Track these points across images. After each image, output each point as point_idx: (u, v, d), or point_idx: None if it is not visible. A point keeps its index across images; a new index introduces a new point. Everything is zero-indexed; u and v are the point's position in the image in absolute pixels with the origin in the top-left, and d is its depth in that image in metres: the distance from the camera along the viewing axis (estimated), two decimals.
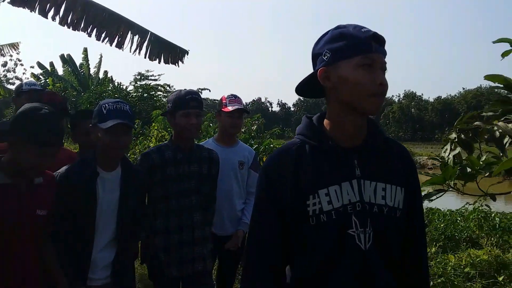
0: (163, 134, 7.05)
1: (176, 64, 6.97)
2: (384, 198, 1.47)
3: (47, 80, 17.61)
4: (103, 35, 6.17)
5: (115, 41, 6.29)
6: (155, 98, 15.57)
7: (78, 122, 3.14)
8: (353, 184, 1.45)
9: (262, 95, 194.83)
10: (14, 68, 24.44)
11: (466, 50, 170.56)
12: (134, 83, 16.42)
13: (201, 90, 18.04)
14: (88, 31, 6.02)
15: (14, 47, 12.56)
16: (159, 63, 6.79)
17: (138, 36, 6.57)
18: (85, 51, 19.36)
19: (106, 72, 19.93)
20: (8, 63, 23.96)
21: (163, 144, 3.05)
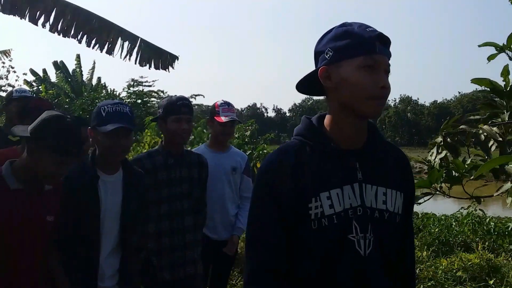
0: (156, 140, 7.06)
1: (167, 69, 7.01)
2: (385, 203, 1.43)
3: (40, 87, 17.52)
4: (93, 42, 6.19)
5: (105, 47, 6.31)
6: (148, 104, 15.54)
7: None
8: (354, 188, 1.41)
9: (258, 100, 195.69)
10: (7, 75, 24.28)
11: (462, 54, 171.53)
12: (127, 89, 16.38)
13: (195, 96, 18.06)
14: (79, 37, 6.05)
15: (6, 54, 12.52)
16: (149, 68, 6.84)
17: (128, 42, 6.60)
18: (78, 58, 19.29)
19: (99, 78, 19.86)
20: (0, 70, 23.88)
21: (153, 149, 3.06)
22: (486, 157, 2.24)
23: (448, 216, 7.37)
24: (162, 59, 7.01)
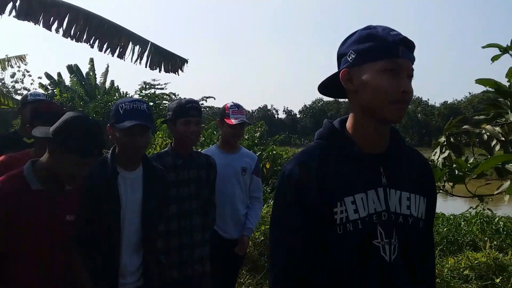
0: (167, 142, 7.15)
1: (176, 72, 7.09)
2: (409, 208, 1.41)
3: (55, 90, 17.76)
4: (105, 46, 6.28)
5: (117, 51, 6.40)
6: (160, 107, 15.67)
7: None
8: (379, 193, 1.38)
9: (268, 102, 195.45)
10: (22, 79, 24.65)
11: (472, 54, 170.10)
12: (140, 92, 16.55)
13: (206, 98, 18.17)
14: (91, 42, 6.14)
15: (22, 59, 12.72)
16: (159, 72, 6.91)
17: (138, 46, 6.69)
18: (91, 62, 19.52)
19: (112, 81, 20.07)
20: (16, 74, 24.23)
21: (163, 151, 3.12)
22: (489, 156, 2.27)
23: (457, 216, 7.32)
24: (172, 62, 7.09)
